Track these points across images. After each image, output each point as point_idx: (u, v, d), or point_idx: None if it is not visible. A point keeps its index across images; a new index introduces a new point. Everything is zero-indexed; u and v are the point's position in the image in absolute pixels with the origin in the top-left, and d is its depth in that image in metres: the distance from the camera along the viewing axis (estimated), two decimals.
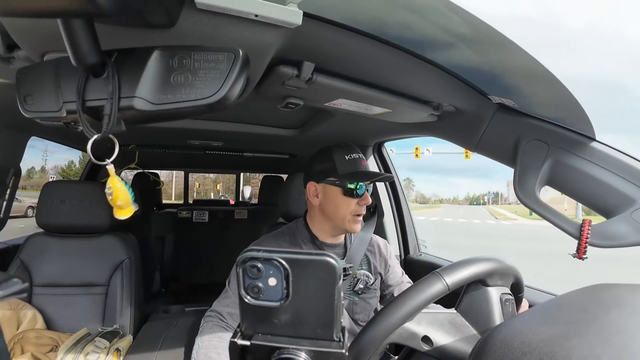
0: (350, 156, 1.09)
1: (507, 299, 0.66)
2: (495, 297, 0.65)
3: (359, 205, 1.07)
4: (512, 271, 0.68)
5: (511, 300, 0.67)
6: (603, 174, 0.77)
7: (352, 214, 1.06)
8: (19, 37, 0.56)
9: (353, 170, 1.07)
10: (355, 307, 1.11)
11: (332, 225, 1.10)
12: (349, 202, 1.06)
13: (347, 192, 1.05)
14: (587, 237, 0.75)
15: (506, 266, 0.66)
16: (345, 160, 1.08)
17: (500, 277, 0.67)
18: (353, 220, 1.07)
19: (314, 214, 1.14)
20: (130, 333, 1.50)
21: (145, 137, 1.84)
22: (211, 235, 3.19)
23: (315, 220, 1.14)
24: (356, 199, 1.06)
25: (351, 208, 1.06)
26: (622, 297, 0.49)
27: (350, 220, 1.06)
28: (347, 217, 1.06)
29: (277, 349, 0.34)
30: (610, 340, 0.38)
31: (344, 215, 1.06)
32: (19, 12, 0.36)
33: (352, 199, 1.06)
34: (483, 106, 0.91)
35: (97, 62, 0.41)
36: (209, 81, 0.41)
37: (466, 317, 0.65)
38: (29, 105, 0.46)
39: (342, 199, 1.06)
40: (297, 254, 0.33)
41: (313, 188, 1.12)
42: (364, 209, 1.08)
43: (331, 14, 0.57)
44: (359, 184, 1.06)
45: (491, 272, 0.64)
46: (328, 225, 1.11)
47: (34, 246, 1.54)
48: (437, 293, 0.59)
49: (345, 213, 1.06)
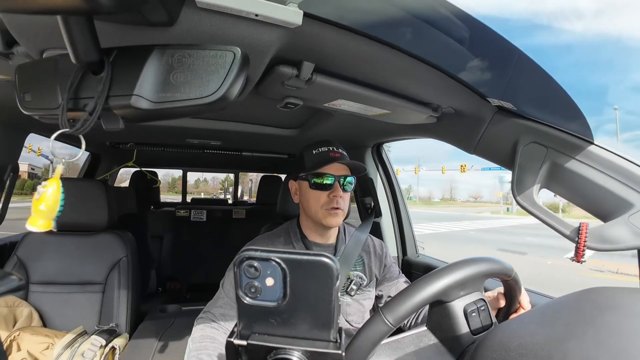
0: (319, 150, 1.09)
1: (474, 309, 0.63)
2: (458, 310, 0.62)
3: (330, 197, 1.05)
4: (475, 276, 0.61)
5: (481, 308, 0.64)
6: (601, 178, 0.77)
7: (324, 208, 1.05)
8: (18, 34, 0.56)
9: (319, 163, 1.06)
10: (348, 309, 1.11)
11: (312, 221, 1.11)
12: (318, 195, 1.06)
13: (314, 185, 1.06)
14: (585, 241, 0.75)
15: (463, 277, 0.60)
16: (312, 155, 1.09)
17: (461, 288, 0.62)
18: (327, 214, 1.05)
19: (301, 213, 1.16)
20: (126, 331, 1.49)
21: (143, 136, 1.84)
22: (209, 235, 3.18)
23: (302, 219, 1.16)
24: (326, 192, 1.05)
25: (322, 201, 1.05)
26: (618, 300, 0.50)
27: (323, 214, 1.05)
28: (319, 211, 1.06)
29: (273, 349, 0.34)
30: (606, 343, 0.38)
31: (315, 209, 1.06)
32: (18, 9, 0.36)
33: (321, 191, 1.05)
34: (482, 108, 0.91)
35: (96, 59, 0.41)
36: (208, 80, 0.41)
37: (435, 334, 0.64)
38: (28, 102, 0.46)
39: (311, 193, 1.07)
40: (295, 254, 0.33)
41: (293, 186, 1.15)
42: (339, 201, 1.05)
43: (331, 14, 0.57)
44: (325, 176, 1.05)
45: (442, 292, 0.59)
46: (310, 222, 1.12)
47: (30, 243, 1.53)
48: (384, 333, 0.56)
49: (317, 207, 1.06)
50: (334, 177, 1.05)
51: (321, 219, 1.06)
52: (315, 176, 1.05)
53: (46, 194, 0.42)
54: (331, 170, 1.06)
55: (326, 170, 1.06)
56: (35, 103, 0.46)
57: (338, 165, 1.07)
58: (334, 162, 1.06)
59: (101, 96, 0.41)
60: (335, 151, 1.08)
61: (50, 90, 0.45)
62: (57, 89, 0.44)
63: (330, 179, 1.05)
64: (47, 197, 0.42)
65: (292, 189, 1.16)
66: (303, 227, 1.15)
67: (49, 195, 0.42)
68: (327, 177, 1.05)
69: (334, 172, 1.06)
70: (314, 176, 1.05)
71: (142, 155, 2.35)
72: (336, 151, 1.09)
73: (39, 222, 0.42)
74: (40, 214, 0.42)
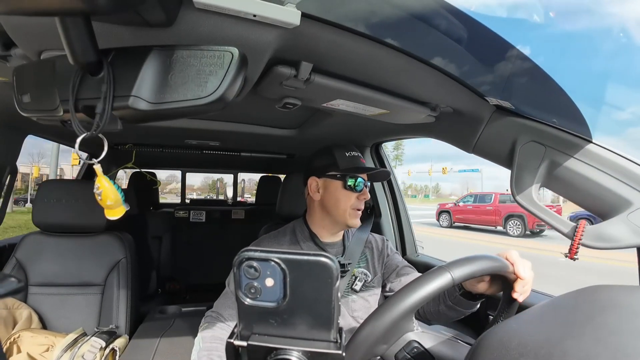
0: (350, 153, 1.14)
1: (405, 356, 0.60)
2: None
3: (358, 199, 1.10)
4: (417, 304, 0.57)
5: (414, 351, 0.60)
6: (600, 176, 0.77)
7: (352, 208, 1.10)
8: (15, 35, 0.56)
9: (353, 166, 1.11)
10: (354, 305, 1.12)
11: (332, 220, 1.13)
12: (349, 195, 1.09)
13: (348, 186, 1.09)
14: (580, 238, 0.76)
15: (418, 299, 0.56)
16: (345, 157, 1.13)
17: (384, 341, 0.59)
18: (353, 214, 1.10)
19: (313, 211, 1.16)
20: (126, 333, 1.49)
21: (142, 137, 1.83)
22: (208, 235, 3.18)
23: (315, 217, 1.16)
24: (356, 193, 1.10)
25: (351, 202, 1.09)
26: (617, 299, 0.50)
27: (350, 214, 1.10)
28: (347, 211, 1.09)
29: (274, 349, 0.34)
30: (606, 342, 0.38)
31: (344, 208, 1.09)
32: (16, 10, 0.36)
33: (352, 192, 1.09)
34: (480, 107, 0.91)
35: (94, 60, 0.41)
36: (206, 81, 0.41)
37: None
38: (26, 103, 0.46)
39: (342, 193, 1.10)
40: (294, 254, 0.33)
41: (314, 183, 1.15)
42: (362, 204, 1.12)
43: (329, 14, 0.57)
44: (358, 179, 1.10)
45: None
46: (328, 220, 1.14)
47: (29, 245, 1.53)
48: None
49: (346, 206, 1.09)
50: (364, 181, 1.12)
51: (347, 218, 1.10)
52: (352, 177, 1.10)
53: (105, 193, 0.49)
54: (362, 172, 1.12)
55: (360, 173, 1.12)
56: (33, 104, 0.46)
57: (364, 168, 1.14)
58: (365, 172, 1.13)
59: (108, 97, 0.41)
60: (362, 157, 1.16)
61: (48, 91, 0.45)
62: (55, 91, 0.44)
63: (362, 183, 1.11)
64: (107, 194, 0.49)
65: (311, 185, 1.16)
66: (314, 227, 1.16)
67: (107, 192, 0.49)
68: (361, 181, 1.11)
69: (364, 176, 1.13)
70: (350, 177, 1.10)
71: (141, 156, 2.34)
72: (362, 157, 1.17)
73: (114, 212, 0.51)
74: (111, 207, 0.50)
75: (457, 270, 0.59)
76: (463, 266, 0.60)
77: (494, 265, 0.63)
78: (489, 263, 0.63)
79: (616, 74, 0.67)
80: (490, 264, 0.63)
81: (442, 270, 0.59)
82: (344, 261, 1.10)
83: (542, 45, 0.63)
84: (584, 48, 0.68)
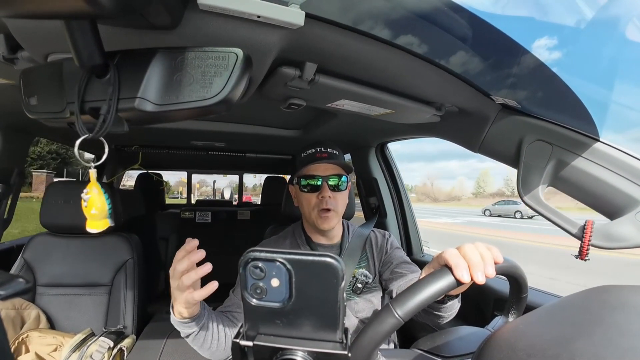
0: (307, 152, 1.06)
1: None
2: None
3: (319, 199, 1.03)
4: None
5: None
6: (607, 175, 0.76)
7: (315, 210, 1.04)
8: (22, 39, 0.56)
9: (305, 164, 1.04)
10: (356, 306, 1.10)
11: (309, 225, 1.11)
12: (308, 197, 1.05)
13: (302, 187, 1.05)
14: (589, 239, 0.75)
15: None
16: (301, 158, 1.07)
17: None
18: (318, 216, 1.04)
19: (302, 216, 1.15)
20: (133, 333, 1.50)
21: (148, 138, 1.85)
22: (214, 236, 3.18)
23: (304, 221, 1.16)
24: (315, 194, 1.04)
25: (312, 203, 1.04)
26: (626, 299, 0.49)
27: (315, 216, 1.04)
28: (312, 213, 1.05)
29: (279, 349, 0.34)
30: (615, 342, 0.38)
31: (308, 211, 1.05)
32: (22, 14, 0.36)
33: (310, 194, 1.04)
34: (486, 106, 0.90)
35: (100, 63, 0.41)
36: (211, 82, 0.41)
37: None
38: (33, 106, 0.47)
39: (302, 196, 1.06)
40: (300, 254, 0.33)
41: (292, 191, 1.15)
42: (329, 202, 1.02)
43: (333, 14, 0.57)
44: (311, 179, 1.04)
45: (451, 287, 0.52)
46: (309, 224, 1.12)
47: (37, 246, 1.55)
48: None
49: (309, 209, 1.05)
50: (321, 178, 1.03)
51: (314, 221, 1.05)
52: (303, 178, 1.05)
53: (92, 199, 0.46)
54: (318, 170, 1.04)
55: (313, 171, 1.04)
56: (41, 107, 0.46)
57: (326, 165, 1.05)
58: (318, 162, 1.03)
59: (113, 99, 0.42)
60: (322, 151, 1.05)
61: (55, 94, 0.45)
62: (62, 93, 0.44)
63: (318, 180, 1.03)
64: (94, 201, 0.46)
65: (292, 193, 1.16)
66: (306, 230, 1.15)
67: (94, 199, 0.46)
68: (314, 179, 1.03)
69: (321, 173, 1.04)
70: (302, 178, 1.05)
71: (147, 158, 2.36)
72: (323, 151, 1.05)
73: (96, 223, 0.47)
74: (94, 217, 0.47)
75: (401, 308, 0.49)
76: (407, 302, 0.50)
77: (440, 288, 0.52)
78: (433, 289, 0.52)
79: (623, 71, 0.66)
80: (435, 290, 0.52)
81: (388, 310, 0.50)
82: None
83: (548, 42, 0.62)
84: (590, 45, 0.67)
